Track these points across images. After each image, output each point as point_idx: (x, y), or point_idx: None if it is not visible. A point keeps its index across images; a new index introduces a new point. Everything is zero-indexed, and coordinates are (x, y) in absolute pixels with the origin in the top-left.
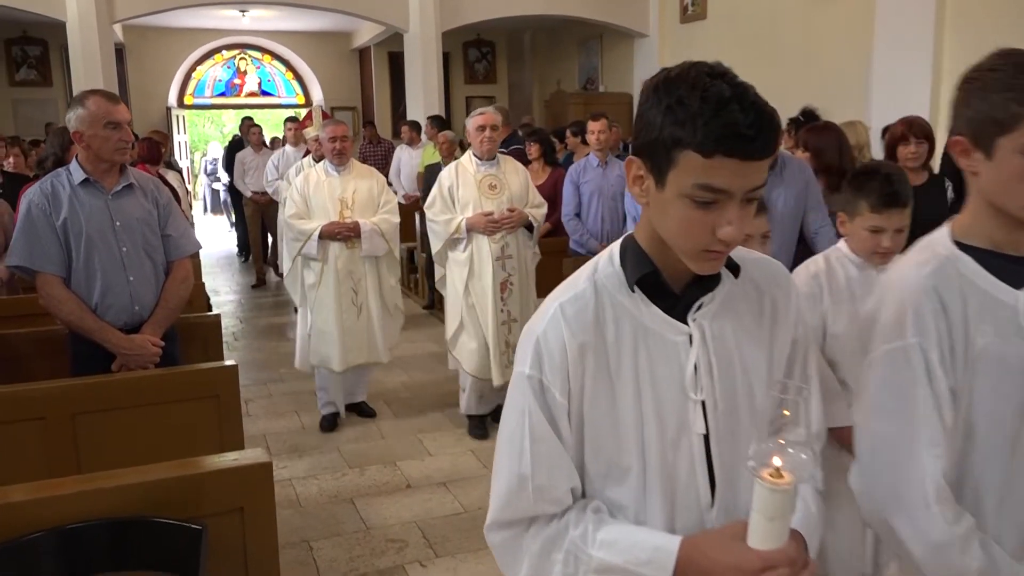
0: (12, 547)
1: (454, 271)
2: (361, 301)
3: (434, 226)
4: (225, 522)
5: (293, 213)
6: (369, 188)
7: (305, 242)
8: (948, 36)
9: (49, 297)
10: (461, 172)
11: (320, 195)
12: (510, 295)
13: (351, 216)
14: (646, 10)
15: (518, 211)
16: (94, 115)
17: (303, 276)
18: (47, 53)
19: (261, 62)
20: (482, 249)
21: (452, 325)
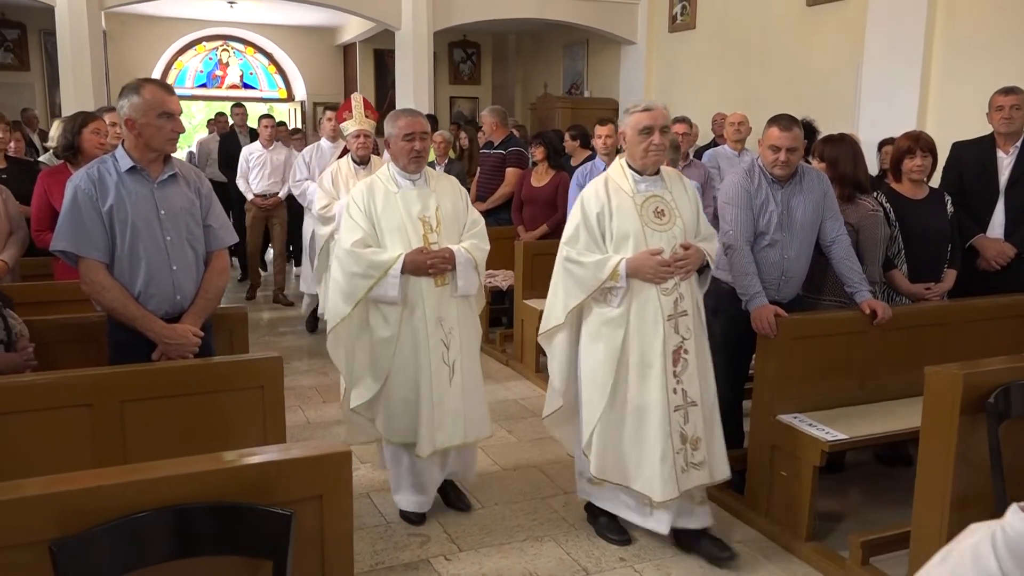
0: (118, 525)
1: (599, 336)
2: (454, 358)
3: (576, 269)
4: (304, 509)
5: (359, 239)
6: (454, 203)
7: (379, 279)
8: (937, 50)
9: (93, 283)
10: (614, 192)
11: (393, 213)
12: (684, 368)
13: (438, 242)
14: (635, 18)
15: (694, 248)
16: (149, 104)
17: (372, 328)
18: (25, 36)
19: (244, 54)
20: (648, 304)
21: (591, 419)
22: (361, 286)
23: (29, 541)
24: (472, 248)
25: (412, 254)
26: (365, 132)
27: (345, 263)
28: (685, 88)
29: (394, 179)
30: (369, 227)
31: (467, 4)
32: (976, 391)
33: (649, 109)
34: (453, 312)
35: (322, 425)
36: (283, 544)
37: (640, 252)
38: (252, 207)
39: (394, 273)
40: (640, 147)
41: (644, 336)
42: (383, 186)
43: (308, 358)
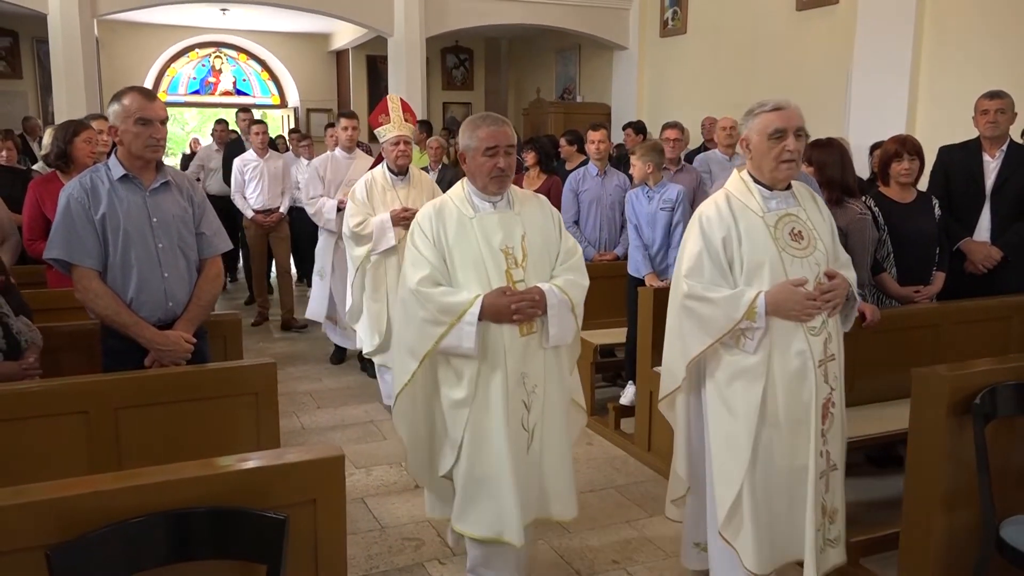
0: (112, 531)
1: (732, 390)
2: (534, 422)
3: (701, 308)
4: (298, 513)
5: (426, 276)
6: (543, 230)
7: (452, 326)
8: (925, 57)
9: (86, 291)
10: (740, 212)
11: (469, 243)
12: (831, 425)
13: (524, 279)
14: (626, 23)
15: (840, 277)
16: (128, 110)
17: (442, 388)
18: (17, 44)
19: (236, 61)
20: (793, 347)
21: (727, 495)
22: (430, 334)
23: (26, 546)
24: (567, 286)
25: (492, 295)
26: (405, 138)
27: (410, 306)
28: (676, 93)
29: (470, 201)
30: (438, 260)
31: (459, 10)
32: (963, 392)
33: (780, 108)
34: (539, 367)
35: (317, 431)
36: (277, 548)
37: (780, 283)
38: (252, 225)
39: (470, 319)
40: (770, 155)
41: (790, 388)
42: (455, 210)
43: (303, 364)
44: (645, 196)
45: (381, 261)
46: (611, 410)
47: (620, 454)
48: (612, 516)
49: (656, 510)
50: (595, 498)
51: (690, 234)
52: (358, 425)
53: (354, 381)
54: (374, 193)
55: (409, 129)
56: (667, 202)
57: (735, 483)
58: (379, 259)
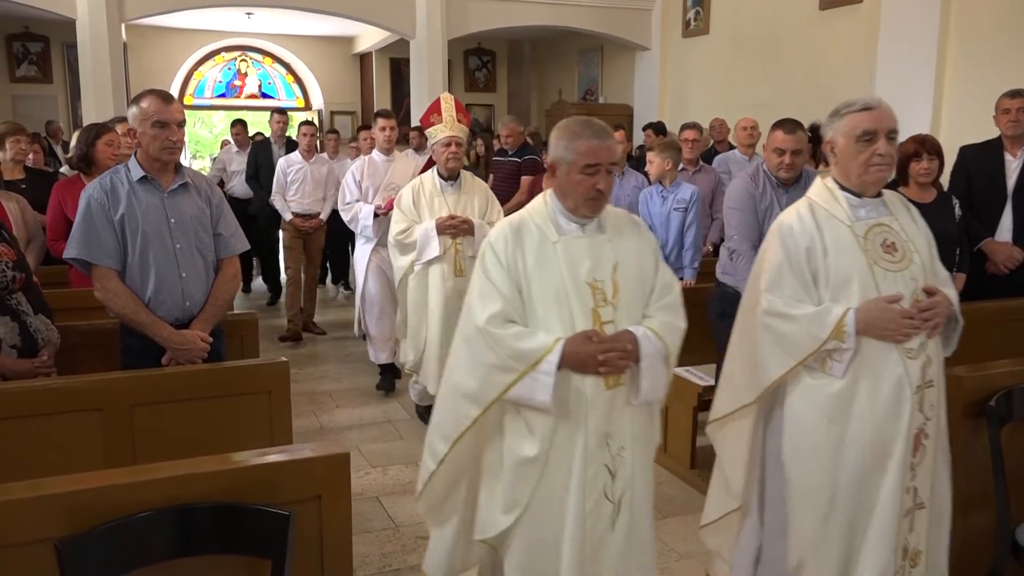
0: (120, 525)
1: (813, 418)
2: (621, 490)
3: (783, 326)
4: (304, 510)
5: (497, 312)
6: (640, 259)
7: (523, 375)
8: (951, 56)
9: (105, 290)
10: (825, 221)
11: (550, 272)
12: (921, 459)
13: (614, 320)
14: (648, 23)
15: (941, 295)
16: (145, 113)
17: (508, 439)
18: (48, 50)
19: (262, 64)
20: (887, 371)
21: (802, 536)
22: (497, 382)
23: (36, 539)
24: (664, 331)
25: (576, 341)
26: (458, 140)
27: (476, 346)
28: (699, 93)
29: (554, 221)
30: (512, 292)
31: (481, 12)
32: (978, 394)
33: (870, 108)
34: (626, 425)
35: (335, 430)
36: (282, 543)
37: (873, 300)
38: (290, 228)
39: (547, 369)
40: (859, 160)
41: (881, 416)
42: (536, 231)
43: (323, 364)
44: (659, 196)
45: (424, 272)
46: None
47: None
48: None
49: (670, 512)
50: None
51: (769, 245)
52: (376, 425)
53: (372, 382)
54: (421, 200)
55: (462, 130)
56: (681, 202)
57: (810, 523)
58: (423, 269)
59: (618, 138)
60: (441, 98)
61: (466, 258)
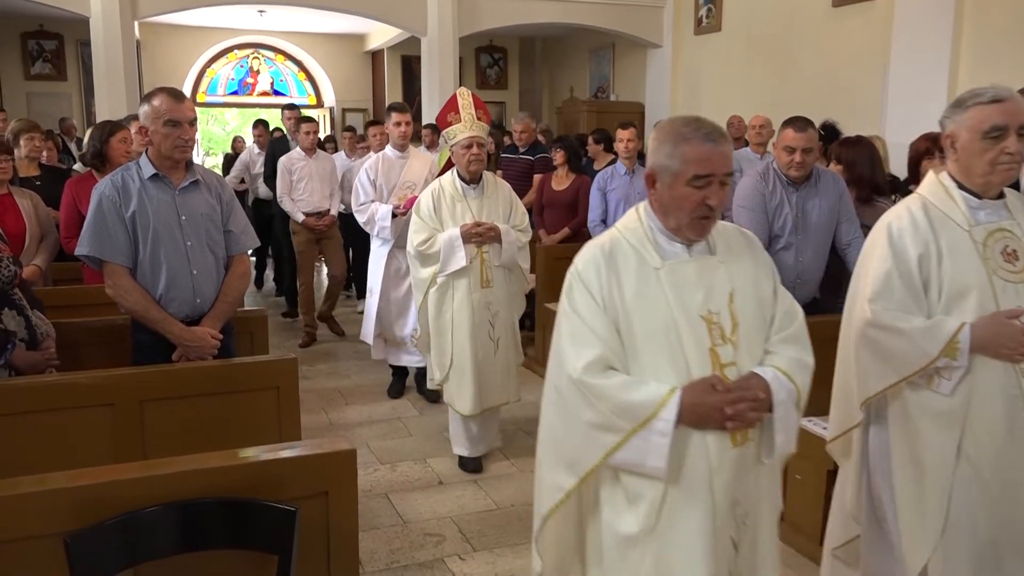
0: (128, 519)
1: (919, 437)
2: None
3: (889, 340)
4: (310, 506)
5: (596, 359)
6: (756, 284)
7: (632, 434)
8: (965, 53)
9: (116, 287)
10: (940, 223)
11: (655, 305)
12: None
13: (735, 360)
14: (660, 21)
15: None
16: (157, 111)
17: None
18: (62, 47)
19: (274, 62)
20: (1001, 392)
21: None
22: (598, 443)
23: (45, 533)
24: (793, 369)
25: (697, 391)
26: (479, 140)
27: (571, 400)
28: (711, 91)
29: (653, 242)
30: (610, 332)
31: (493, 9)
32: None
33: (1000, 100)
34: (752, 487)
35: (344, 427)
36: (288, 539)
37: (990, 315)
38: (302, 231)
39: (662, 428)
40: (984, 158)
41: (998, 440)
42: (634, 254)
43: (332, 360)
44: None
45: (448, 283)
46: None
47: None
48: None
49: None
50: None
51: (875, 249)
52: (385, 421)
53: (383, 379)
54: (442, 206)
55: (483, 129)
56: None
57: (925, 549)
58: (445, 281)
59: (629, 136)
60: (457, 94)
61: (493, 267)
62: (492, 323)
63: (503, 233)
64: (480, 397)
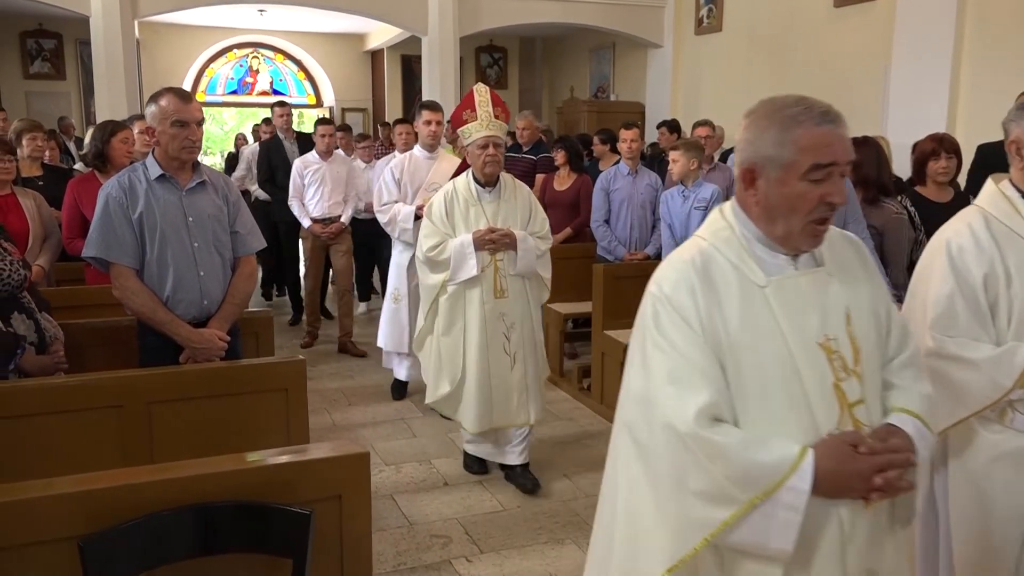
0: (143, 523)
1: (990, 479)
2: None
3: (957, 371)
4: (324, 509)
5: (705, 405)
6: (871, 296)
7: (751, 508)
8: (967, 54)
9: (123, 288)
10: (1005, 240)
11: (764, 333)
12: None
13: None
14: (661, 21)
15: None
16: (164, 112)
17: None
18: (61, 46)
19: (273, 61)
20: None
21: None
22: (707, 518)
23: (58, 537)
24: (926, 411)
25: (835, 454)
26: (496, 140)
27: (671, 461)
28: (712, 91)
29: (751, 253)
30: (716, 369)
31: (493, 9)
32: None
33: None
34: (888, 555)
35: (347, 428)
36: (303, 542)
37: None
38: (310, 236)
39: (791, 501)
40: None
41: None
42: (731, 270)
43: (335, 361)
44: (680, 195)
45: (460, 292)
46: None
47: None
48: None
49: None
50: None
51: (932, 269)
52: (389, 423)
53: (385, 379)
54: (454, 209)
55: (501, 128)
56: (701, 201)
57: None
58: (457, 290)
59: (633, 136)
60: (474, 91)
61: (507, 277)
62: (507, 336)
63: (519, 240)
64: (486, 414)
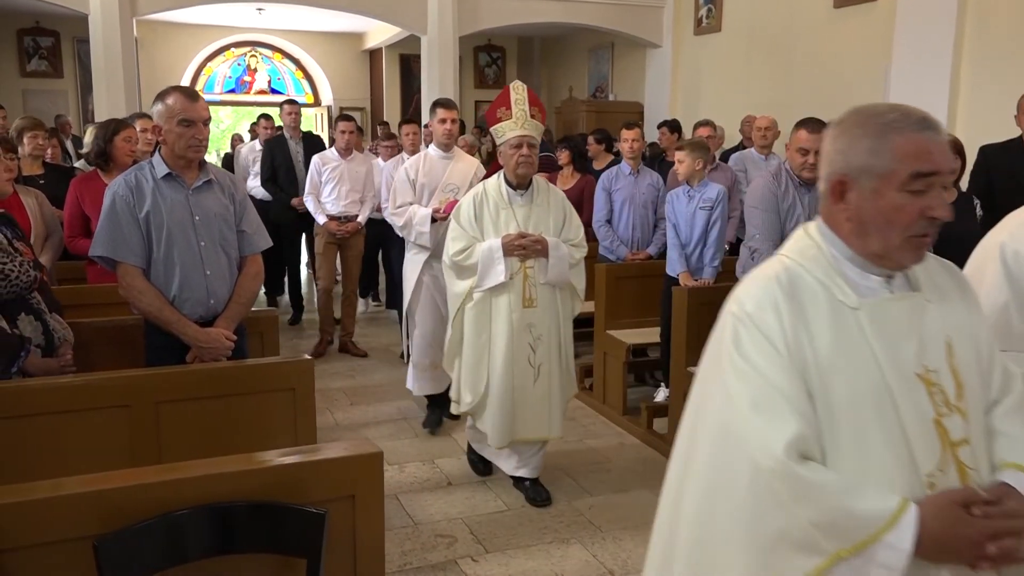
0: (158, 522)
1: None
2: None
3: None
4: (337, 509)
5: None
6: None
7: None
8: (967, 55)
9: (130, 288)
10: None
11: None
12: None
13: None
14: (660, 21)
15: None
16: (171, 110)
17: None
18: (59, 44)
19: (271, 60)
20: None
21: None
22: (788, 567)
23: (72, 537)
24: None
25: (944, 513)
26: (531, 140)
27: (754, 498)
28: (711, 91)
29: (840, 272)
30: (804, 399)
31: (493, 9)
32: None
33: None
34: None
35: (350, 427)
36: (317, 542)
37: None
38: (324, 232)
39: (889, 559)
40: None
41: None
42: (821, 290)
43: (337, 361)
44: (685, 195)
45: (487, 299)
46: (644, 410)
47: (651, 454)
48: (646, 516)
49: None
50: (627, 498)
51: (982, 275)
52: (391, 422)
53: (386, 378)
54: (484, 212)
55: (536, 128)
56: (707, 201)
57: None
58: (484, 297)
59: (634, 136)
60: (510, 88)
61: (537, 285)
62: (533, 347)
63: (551, 247)
64: (509, 428)
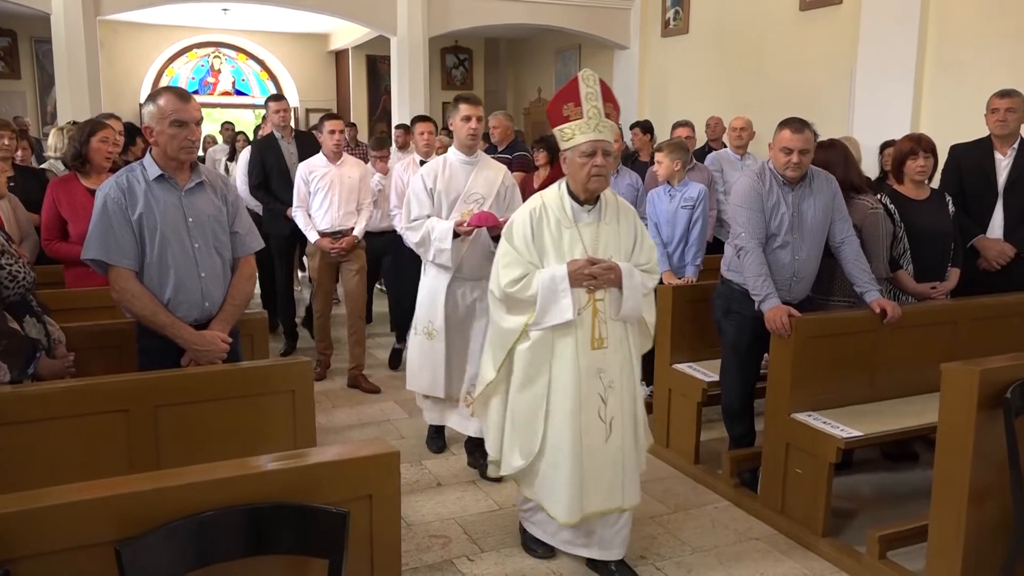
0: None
1: None
2: None
3: None
4: (355, 509)
5: None
6: None
7: None
8: (929, 57)
9: (123, 291)
10: None
11: None
12: None
13: None
14: (627, 22)
15: None
16: (163, 111)
17: None
18: (16, 45)
19: (235, 61)
20: None
21: None
22: None
23: (92, 543)
24: None
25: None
26: (605, 146)
27: None
28: (678, 93)
29: None
30: None
31: (462, 10)
32: (992, 387)
33: None
34: None
35: (335, 430)
36: (339, 543)
37: None
38: (317, 252)
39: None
40: None
41: None
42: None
43: None
44: (667, 195)
45: (546, 339)
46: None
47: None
48: (638, 512)
49: (678, 506)
50: None
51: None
52: (375, 424)
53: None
54: (543, 232)
55: (611, 132)
56: (688, 200)
57: None
58: (543, 336)
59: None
60: (580, 80)
61: (608, 321)
62: (604, 397)
63: (625, 275)
64: (578, 500)
